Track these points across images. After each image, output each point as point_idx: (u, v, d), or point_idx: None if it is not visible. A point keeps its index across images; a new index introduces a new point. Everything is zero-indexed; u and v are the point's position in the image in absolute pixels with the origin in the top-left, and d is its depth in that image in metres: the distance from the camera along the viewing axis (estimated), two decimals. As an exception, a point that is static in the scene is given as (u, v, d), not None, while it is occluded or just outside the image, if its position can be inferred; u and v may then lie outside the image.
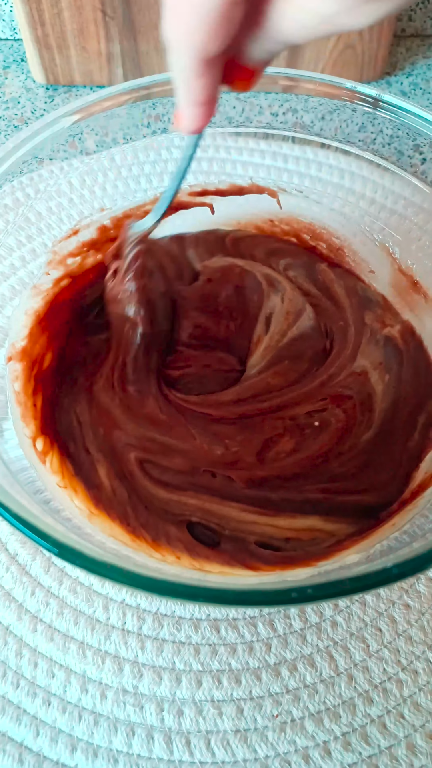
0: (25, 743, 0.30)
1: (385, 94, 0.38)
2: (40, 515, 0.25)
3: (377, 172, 0.42)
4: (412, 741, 0.30)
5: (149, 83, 0.39)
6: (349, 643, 0.32)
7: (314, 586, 0.23)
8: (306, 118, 0.42)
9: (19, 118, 0.57)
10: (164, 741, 0.30)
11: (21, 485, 0.27)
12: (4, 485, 0.25)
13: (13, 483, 0.27)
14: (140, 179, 0.44)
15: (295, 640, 0.32)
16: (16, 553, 0.34)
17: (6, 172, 0.35)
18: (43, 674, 0.31)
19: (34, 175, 0.38)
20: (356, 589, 0.23)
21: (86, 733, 0.30)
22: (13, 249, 0.38)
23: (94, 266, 0.41)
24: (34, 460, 0.29)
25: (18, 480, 0.28)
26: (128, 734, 0.30)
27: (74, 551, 0.23)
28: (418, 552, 0.24)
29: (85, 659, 0.32)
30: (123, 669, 0.31)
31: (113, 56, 0.57)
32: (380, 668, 0.32)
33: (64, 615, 0.33)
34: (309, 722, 0.30)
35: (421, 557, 0.24)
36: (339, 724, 0.30)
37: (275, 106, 0.44)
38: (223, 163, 0.45)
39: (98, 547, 0.26)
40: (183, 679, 0.31)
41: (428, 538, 0.26)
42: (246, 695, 0.31)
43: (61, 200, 0.40)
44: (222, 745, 0.30)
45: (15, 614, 0.33)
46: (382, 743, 0.30)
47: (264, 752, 0.30)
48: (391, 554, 0.26)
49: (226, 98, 0.43)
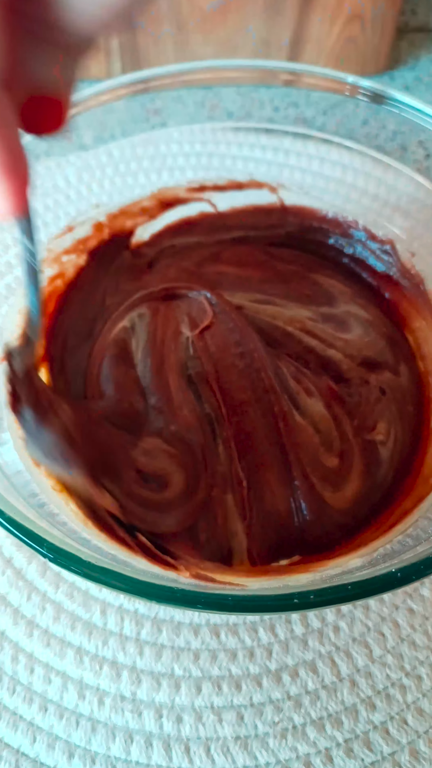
0: (21, 749, 0.29)
1: (388, 88, 0.37)
2: (35, 519, 0.24)
3: (380, 167, 0.41)
4: (415, 747, 0.29)
5: (147, 77, 0.38)
6: (352, 649, 0.31)
7: (316, 592, 0.22)
8: (308, 113, 0.42)
9: (16, 113, 0.57)
10: (163, 748, 0.29)
11: (15, 489, 0.27)
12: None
13: (7, 487, 0.26)
14: (138, 175, 0.43)
15: (297, 645, 0.31)
16: (11, 556, 0.34)
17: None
18: (39, 680, 0.31)
19: (30, 172, 0.38)
20: (359, 595, 0.23)
21: (84, 739, 0.30)
22: (9, 246, 0.37)
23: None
24: (29, 464, 0.29)
25: (12, 483, 0.27)
26: (126, 741, 0.29)
27: (69, 556, 0.23)
28: (422, 556, 0.24)
29: (83, 665, 0.31)
30: (121, 675, 0.31)
31: (111, 50, 0.56)
32: (383, 674, 0.31)
33: (60, 620, 0.32)
34: (311, 729, 0.30)
35: (425, 561, 0.23)
36: (341, 731, 0.30)
37: (276, 101, 0.43)
38: (222, 158, 0.44)
39: (94, 552, 0.25)
40: (182, 685, 0.31)
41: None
42: (246, 701, 0.30)
43: (58, 196, 0.40)
44: (222, 752, 0.29)
45: (11, 619, 0.32)
46: (385, 750, 0.29)
47: (265, 759, 0.29)
48: (395, 558, 0.26)
49: (226, 92, 0.42)
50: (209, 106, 0.43)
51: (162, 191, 0.42)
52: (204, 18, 0.54)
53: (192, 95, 0.41)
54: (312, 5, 0.53)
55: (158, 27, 0.54)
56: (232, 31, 0.55)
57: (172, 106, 0.41)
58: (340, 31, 0.55)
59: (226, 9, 0.53)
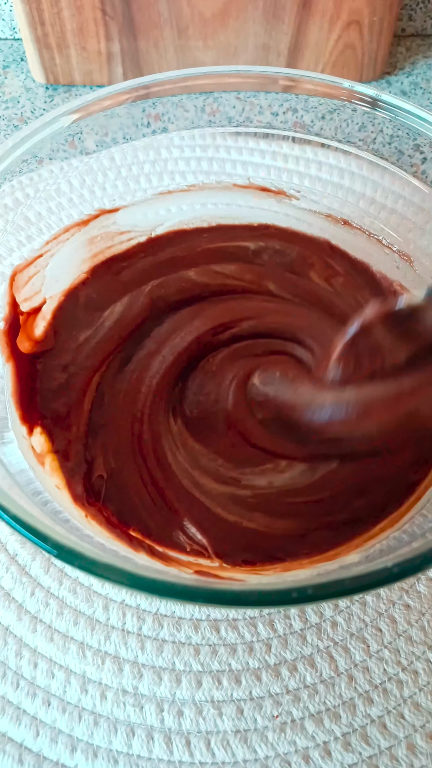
0: (24, 744, 0.30)
1: (384, 93, 0.38)
2: (39, 516, 0.25)
3: (377, 171, 0.42)
4: (412, 741, 0.30)
5: (149, 82, 0.39)
6: (350, 644, 0.32)
7: (314, 586, 0.23)
8: (306, 118, 0.42)
9: (19, 117, 0.57)
10: (164, 741, 0.30)
11: (19, 486, 0.27)
12: (3, 487, 0.25)
13: (11, 484, 0.27)
14: (140, 179, 0.44)
15: (296, 640, 0.32)
16: (15, 553, 0.34)
17: (5, 170, 0.35)
18: (42, 674, 0.31)
19: (33, 175, 0.38)
20: (356, 589, 0.23)
21: (86, 733, 0.30)
22: (13, 249, 0.38)
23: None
24: (33, 462, 0.29)
25: (16, 481, 0.28)
26: (128, 735, 0.30)
27: (73, 552, 0.23)
28: (418, 552, 0.24)
29: (85, 659, 0.32)
30: (123, 669, 0.31)
31: (113, 55, 0.57)
32: (380, 669, 0.31)
33: (63, 615, 0.33)
34: (309, 723, 0.30)
35: (421, 557, 0.24)
36: (339, 725, 0.30)
37: (275, 106, 0.44)
38: (222, 162, 0.45)
39: (97, 548, 0.26)
40: (183, 679, 0.31)
41: (428, 537, 0.26)
42: (246, 696, 0.31)
43: (61, 200, 0.40)
44: (222, 746, 0.30)
45: (15, 614, 0.33)
46: (383, 743, 0.30)
47: (264, 753, 0.30)
48: (391, 554, 0.26)
49: (226, 98, 0.43)
50: (209, 110, 0.44)
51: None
52: (204, 23, 0.55)
53: (192, 100, 0.42)
54: (311, 12, 0.54)
55: (159, 32, 0.55)
56: (232, 37, 0.56)
57: (173, 110, 0.42)
58: (339, 37, 0.56)
59: (227, 15, 0.54)
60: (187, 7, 0.54)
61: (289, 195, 0.44)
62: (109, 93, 0.38)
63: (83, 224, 0.41)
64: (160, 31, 0.55)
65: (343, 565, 0.29)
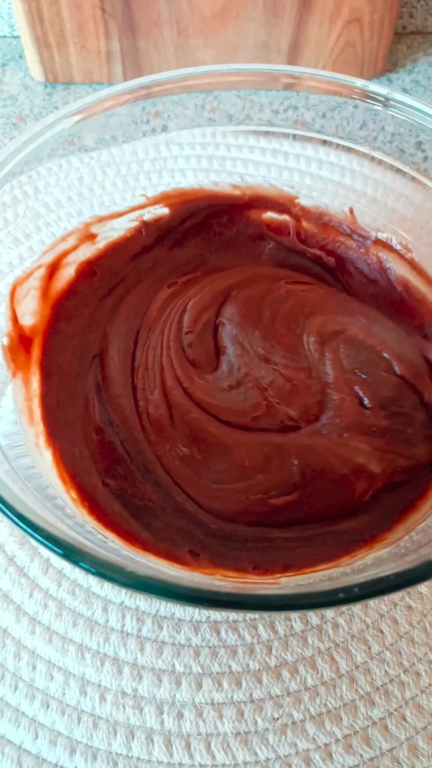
0: (23, 746, 0.30)
1: (387, 91, 0.38)
2: (43, 514, 0.25)
3: (378, 169, 0.42)
4: (414, 743, 0.30)
5: (150, 83, 0.38)
6: (351, 645, 0.32)
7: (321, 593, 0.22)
8: (307, 116, 0.42)
9: (18, 115, 0.57)
10: (164, 744, 0.30)
11: (24, 484, 0.27)
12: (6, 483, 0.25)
13: (15, 478, 0.27)
14: (140, 177, 0.43)
15: (296, 642, 0.32)
16: (14, 554, 0.34)
17: (7, 174, 0.34)
18: (41, 676, 0.31)
19: (32, 173, 0.38)
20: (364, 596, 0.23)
21: (85, 735, 0.30)
22: (11, 247, 0.38)
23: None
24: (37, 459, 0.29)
25: (21, 477, 0.27)
26: (128, 737, 0.30)
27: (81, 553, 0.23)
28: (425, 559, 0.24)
29: (84, 661, 0.31)
30: (122, 671, 0.31)
31: (112, 54, 0.57)
32: (382, 670, 0.31)
33: (62, 617, 0.32)
34: (310, 725, 0.30)
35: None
36: (340, 727, 0.30)
37: (276, 104, 0.43)
38: (223, 160, 0.44)
39: (100, 546, 0.25)
40: (183, 681, 0.31)
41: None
42: (246, 698, 0.31)
43: (60, 198, 0.40)
44: (222, 748, 0.29)
45: (13, 616, 0.32)
46: (384, 745, 0.30)
47: (265, 755, 0.29)
48: (398, 560, 0.26)
49: (226, 96, 0.43)
50: (209, 109, 0.44)
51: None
52: (204, 22, 0.54)
53: (192, 99, 0.41)
54: (311, 9, 0.54)
55: (159, 31, 0.55)
56: (232, 35, 0.56)
57: (172, 109, 0.42)
58: (339, 35, 0.55)
59: (226, 13, 0.54)
60: (187, 6, 0.53)
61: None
62: (110, 94, 0.38)
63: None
64: (159, 30, 0.55)
65: (345, 572, 0.28)
